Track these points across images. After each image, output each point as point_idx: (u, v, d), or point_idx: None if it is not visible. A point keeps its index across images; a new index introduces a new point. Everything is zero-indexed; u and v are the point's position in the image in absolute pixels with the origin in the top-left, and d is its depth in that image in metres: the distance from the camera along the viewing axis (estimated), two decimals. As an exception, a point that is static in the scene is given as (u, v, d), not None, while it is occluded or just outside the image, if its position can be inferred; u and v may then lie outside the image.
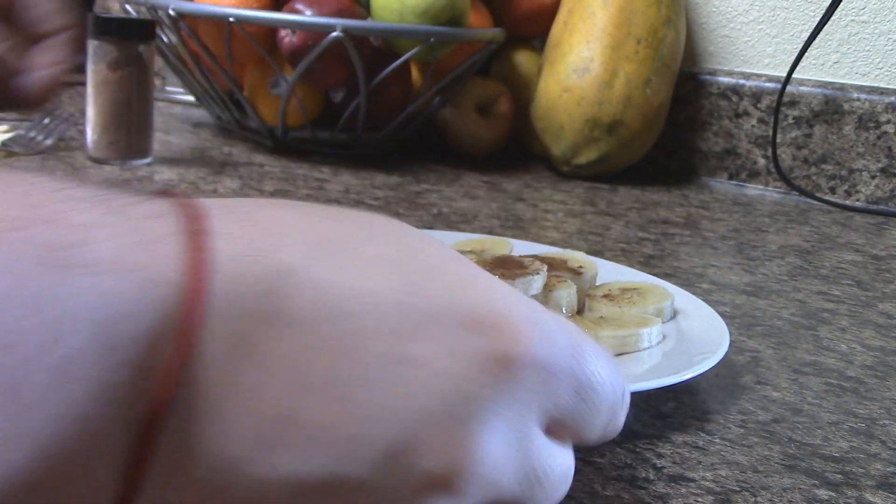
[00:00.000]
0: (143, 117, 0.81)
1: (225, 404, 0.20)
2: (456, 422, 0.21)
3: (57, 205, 0.19)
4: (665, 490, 0.35)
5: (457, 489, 0.21)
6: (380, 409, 0.21)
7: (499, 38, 0.96)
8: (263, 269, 0.20)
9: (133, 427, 0.19)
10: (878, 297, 0.65)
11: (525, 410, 0.23)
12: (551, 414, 0.24)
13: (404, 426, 0.21)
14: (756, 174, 1.04)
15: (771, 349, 0.52)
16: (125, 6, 0.96)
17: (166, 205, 0.21)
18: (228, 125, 1.00)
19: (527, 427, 0.23)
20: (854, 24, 1.00)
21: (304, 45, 0.86)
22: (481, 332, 0.22)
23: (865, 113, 0.98)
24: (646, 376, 0.41)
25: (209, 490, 0.20)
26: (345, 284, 0.21)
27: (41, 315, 0.17)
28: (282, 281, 0.20)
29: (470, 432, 0.21)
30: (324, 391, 0.20)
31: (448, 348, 0.22)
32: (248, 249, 0.21)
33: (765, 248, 0.76)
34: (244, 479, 0.20)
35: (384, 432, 0.21)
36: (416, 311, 0.22)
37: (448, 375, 0.21)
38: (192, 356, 0.19)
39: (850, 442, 0.41)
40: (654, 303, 0.48)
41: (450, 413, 0.21)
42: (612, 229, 0.78)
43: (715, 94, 1.05)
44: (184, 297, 0.19)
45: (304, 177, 0.85)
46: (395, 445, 0.21)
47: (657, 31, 0.94)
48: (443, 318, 0.22)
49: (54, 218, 0.18)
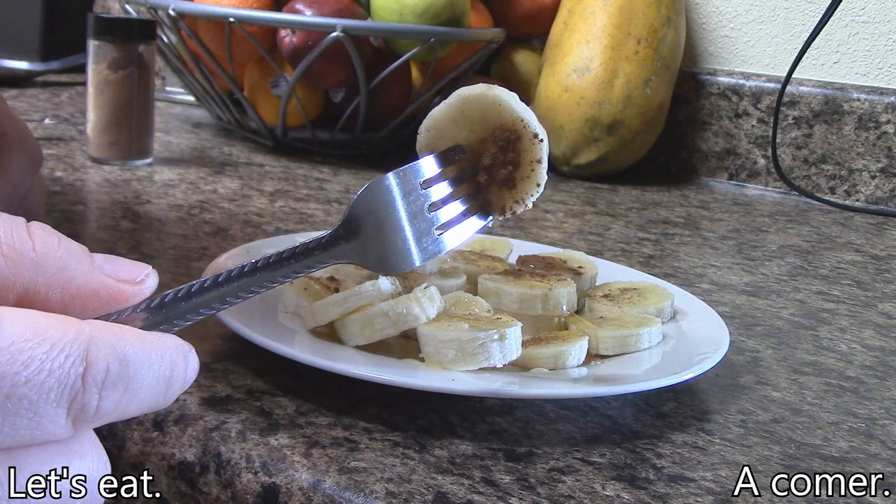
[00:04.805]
0: (144, 117, 0.81)
1: None
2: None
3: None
4: (665, 490, 0.35)
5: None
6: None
7: (499, 38, 0.96)
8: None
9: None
10: (878, 297, 0.65)
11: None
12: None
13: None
14: (756, 174, 1.04)
15: (771, 349, 0.52)
16: (125, 6, 0.96)
17: None
18: (228, 125, 1.00)
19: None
20: (854, 24, 1.00)
21: (304, 45, 0.86)
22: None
23: (865, 113, 0.98)
24: (646, 376, 0.41)
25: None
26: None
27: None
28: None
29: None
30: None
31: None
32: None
33: (765, 248, 0.76)
34: None
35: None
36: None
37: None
38: None
39: (850, 442, 0.41)
40: (654, 303, 0.48)
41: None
42: (612, 229, 0.78)
43: (715, 94, 1.05)
44: None
45: (304, 177, 0.85)
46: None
47: (657, 31, 0.94)
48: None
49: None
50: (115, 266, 0.26)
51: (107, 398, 0.23)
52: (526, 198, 0.39)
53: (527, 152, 0.39)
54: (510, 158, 0.39)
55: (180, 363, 0.25)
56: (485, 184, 0.39)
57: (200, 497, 0.36)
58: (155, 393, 0.24)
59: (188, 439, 0.36)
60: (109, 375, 0.23)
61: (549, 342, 0.42)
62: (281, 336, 0.42)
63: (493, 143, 0.39)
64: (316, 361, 0.38)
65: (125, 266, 0.26)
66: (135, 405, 0.24)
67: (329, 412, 0.38)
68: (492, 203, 0.39)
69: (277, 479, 0.34)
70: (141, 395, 0.24)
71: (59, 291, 0.25)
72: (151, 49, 0.81)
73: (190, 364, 0.25)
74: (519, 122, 0.39)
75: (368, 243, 0.33)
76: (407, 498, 0.33)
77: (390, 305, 0.41)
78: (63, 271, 0.25)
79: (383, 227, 0.34)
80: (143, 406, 0.24)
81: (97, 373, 0.23)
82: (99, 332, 0.23)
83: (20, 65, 1.26)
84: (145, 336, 0.24)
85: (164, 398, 0.25)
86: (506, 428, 0.39)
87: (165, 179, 0.78)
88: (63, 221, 0.63)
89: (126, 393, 0.23)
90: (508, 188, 0.39)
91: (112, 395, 0.23)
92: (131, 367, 0.23)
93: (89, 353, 0.22)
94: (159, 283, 0.27)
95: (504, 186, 0.39)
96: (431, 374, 0.39)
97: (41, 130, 0.92)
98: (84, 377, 0.22)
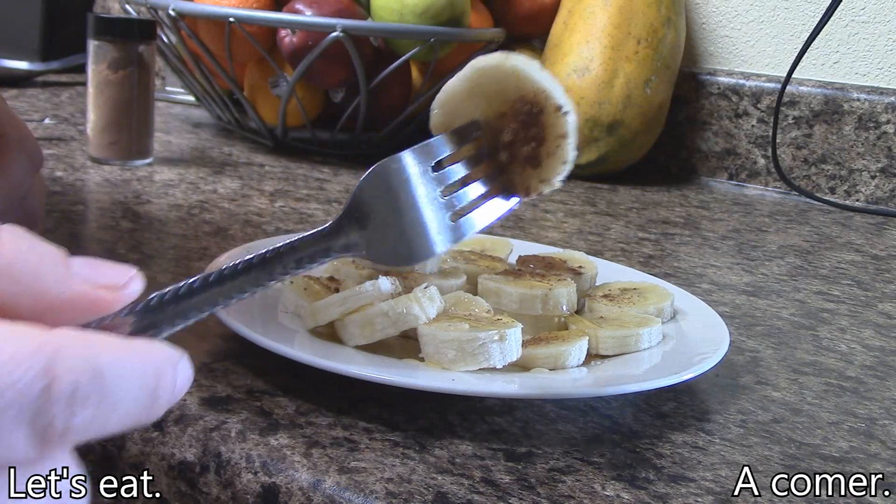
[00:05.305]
0: (144, 117, 0.81)
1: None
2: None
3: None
4: (665, 490, 0.35)
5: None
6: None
7: (499, 38, 0.96)
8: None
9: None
10: (878, 297, 0.65)
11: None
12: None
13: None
14: (756, 174, 1.04)
15: (771, 349, 0.52)
16: (125, 6, 0.96)
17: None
18: (228, 125, 1.00)
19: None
20: (854, 24, 1.00)
21: (304, 45, 0.86)
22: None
23: (865, 113, 0.98)
24: (646, 376, 0.41)
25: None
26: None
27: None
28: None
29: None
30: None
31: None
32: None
33: (765, 248, 0.76)
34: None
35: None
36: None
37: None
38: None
39: (850, 442, 0.41)
40: (654, 303, 0.48)
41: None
42: (612, 229, 0.78)
43: (715, 94, 1.05)
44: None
45: (304, 177, 0.85)
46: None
47: (657, 31, 0.95)
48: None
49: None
50: (95, 271, 0.24)
51: (78, 415, 0.21)
52: (552, 176, 0.36)
53: (551, 127, 0.36)
54: (533, 134, 0.36)
55: (168, 372, 0.23)
56: (506, 162, 0.36)
57: (200, 497, 0.36)
58: (138, 406, 0.22)
59: (188, 439, 0.36)
60: (79, 389, 0.21)
61: (549, 342, 0.42)
62: (281, 336, 0.42)
63: (514, 117, 0.36)
64: (316, 361, 0.38)
65: (106, 270, 0.24)
66: (115, 421, 0.22)
67: (329, 412, 0.38)
68: (515, 183, 0.37)
69: (277, 479, 0.34)
70: (121, 410, 0.22)
71: (31, 302, 0.22)
72: (151, 49, 0.81)
73: (181, 373, 0.23)
74: (541, 94, 0.36)
75: (378, 232, 0.30)
76: (407, 498, 0.33)
77: (390, 305, 0.41)
78: (35, 280, 0.22)
79: (395, 212, 0.31)
80: (126, 421, 0.22)
81: (63, 387, 0.20)
82: (68, 341, 0.21)
83: (20, 65, 1.26)
84: (126, 344, 0.22)
85: (150, 412, 0.22)
86: (506, 428, 0.39)
87: (165, 179, 0.78)
88: (63, 221, 0.63)
89: (102, 408, 0.21)
90: (533, 166, 0.36)
91: (84, 412, 0.21)
92: (107, 379, 0.21)
93: (55, 366, 0.20)
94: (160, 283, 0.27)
95: (528, 165, 0.36)
96: (431, 374, 0.39)
97: (41, 130, 0.92)
98: (48, 392, 0.20)
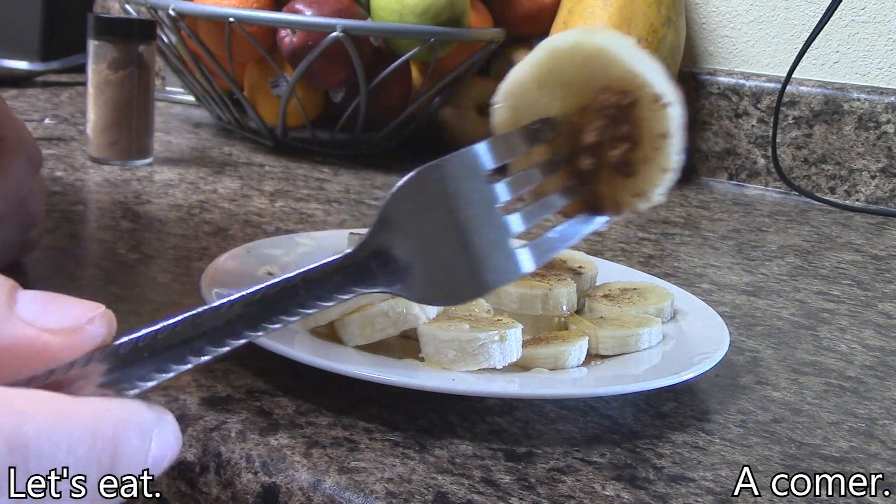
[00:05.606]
0: (144, 117, 0.81)
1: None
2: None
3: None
4: (665, 490, 0.35)
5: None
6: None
7: (499, 38, 0.96)
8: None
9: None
10: (878, 297, 0.65)
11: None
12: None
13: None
14: (756, 174, 1.04)
15: (771, 349, 0.52)
16: (125, 6, 0.96)
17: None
18: (228, 125, 1.00)
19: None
20: (854, 24, 1.00)
21: (304, 45, 0.86)
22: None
23: (865, 113, 0.98)
24: (646, 376, 0.41)
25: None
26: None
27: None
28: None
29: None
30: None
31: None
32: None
33: (765, 248, 0.76)
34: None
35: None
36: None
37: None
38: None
39: (850, 442, 0.41)
40: (654, 303, 0.48)
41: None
42: (612, 229, 0.78)
43: (715, 94, 1.05)
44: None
45: (304, 177, 0.85)
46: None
47: (657, 31, 0.94)
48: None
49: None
50: (45, 309, 0.20)
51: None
52: (649, 189, 0.28)
53: (647, 123, 0.29)
54: (625, 133, 0.28)
55: (131, 440, 0.18)
56: (590, 171, 0.28)
57: (200, 497, 0.36)
58: (88, 483, 0.18)
59: (188, 439, 0.36)
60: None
61: (549, 342, 0.42)
62: (281, 336, 0.41)
63: (599, 112, 0.29)
64: (316, 361, 0.38)
65: (60, 308, 0.20)
66: (57, 500, 0.18)
67: (329, 412, 0.38)
68: (601, 197, 0.28)
69: (277, 479, 0.34)
70: (55, 490, 0.18)
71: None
72: (151, 49, 0.81)
73: (159, 437, 0.19)
74: (633, 81, 0.28)
75: (413, 262, 0.23)
76: (407, 498, 0.33)
77: (390, 305, 0.41)
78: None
79: (438, 237, 0.24)
80: (76, 499, 0.18)
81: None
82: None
83: (20, 65, 1.26)
84: (69, 405, 0.18)
85: (101, 491, 0.18)
86: (506, 428, 0.39)
87: (165, 179, 0.78)
88: (63, 221, 0.63)
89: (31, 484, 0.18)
90: (624, 175, 0.28)
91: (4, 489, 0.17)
92: (32, 451, 0.17)
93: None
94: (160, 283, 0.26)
95: (617, 173, 0.28)
96: (431, 374, 0.39)
97: (41, 130, 0.92)
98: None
